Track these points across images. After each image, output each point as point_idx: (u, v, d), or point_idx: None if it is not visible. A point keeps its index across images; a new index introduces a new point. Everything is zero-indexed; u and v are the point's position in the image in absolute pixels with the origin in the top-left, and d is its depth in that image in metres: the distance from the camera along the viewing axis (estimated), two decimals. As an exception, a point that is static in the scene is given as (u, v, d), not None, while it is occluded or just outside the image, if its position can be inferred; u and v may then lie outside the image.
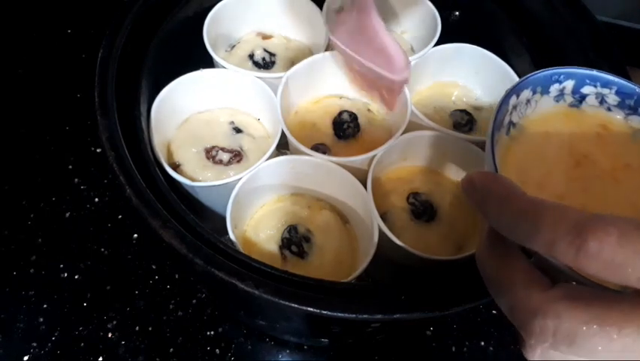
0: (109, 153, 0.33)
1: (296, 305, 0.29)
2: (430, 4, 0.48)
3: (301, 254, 0.41)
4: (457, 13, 0.52)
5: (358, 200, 0.40)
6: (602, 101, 0.29)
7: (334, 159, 0.40)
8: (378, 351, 0.48)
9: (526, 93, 0.28)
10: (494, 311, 0.51)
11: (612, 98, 0.29)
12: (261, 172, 0.40)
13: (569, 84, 0.29)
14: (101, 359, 0.46)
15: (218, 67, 0.45)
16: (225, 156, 0.43)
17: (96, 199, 0.54)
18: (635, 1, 0.65)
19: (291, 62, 0.49)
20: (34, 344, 0.46)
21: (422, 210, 0.42)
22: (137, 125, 0.38)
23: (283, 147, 0.43)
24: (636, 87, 0.28)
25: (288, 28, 0.52)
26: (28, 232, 0.52)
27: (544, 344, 0.18)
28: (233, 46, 0.51)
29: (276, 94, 0.42)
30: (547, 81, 0.29)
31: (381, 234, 0.37)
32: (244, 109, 0.47)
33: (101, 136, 0.34)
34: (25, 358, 0.45)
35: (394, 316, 0.29)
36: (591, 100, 0.29)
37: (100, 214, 0.53)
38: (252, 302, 0.39)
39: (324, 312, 0.29)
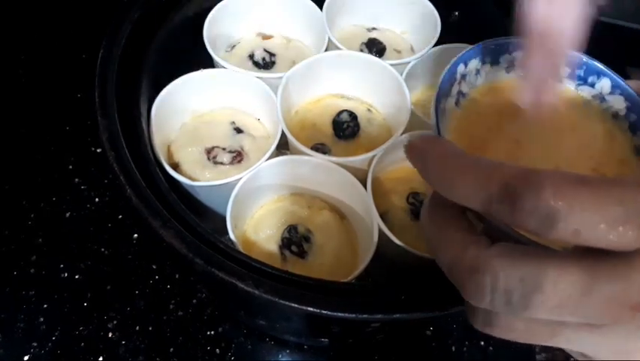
0: (109, 153, 0.33)
1: (296, 305, 0.29)
2: (430, 5, 0.49)
3: (301, 254, 0.41)
4: (457, 13, 0.52)
5: (358, 200, 0.40)
6: None
7: (334, 159, 0.40)
8: (378, 351, 0.48)
9: (474, 63, 0.28)
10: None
11: (562, 69, 0.29)
12: (261, 172, 0.40)
13: (519, 55, 0.28)
14: (101, 358, 0.46)
15: (218, 67, 0.45)
16: (226, 157, 0.43)
17: (96, 199, 0.54)
18: (635, 1, 0.65)
19: (292, 62, 0.49)
20: (35, 344, 0.46)
21: (422, 210, 0.42)
22: (138, 126, 0.38)
23: (283, 147, 0.43)
24: (584, 57, 0.28)
25: (288, 28, 0.52)
26: (28, 231, 0.52)
27: (482, 302, 0.18)
28: (234, 46, 0.51)
29: (276, 94, 0.42)
30: (496, 51, 0.28)
31: (381, 234, 0.37)
32: (244, 109, 0.47)
33: (101, 136, 0.34)
34: (26, 358, 0.45)
35: (394, 316, 0.29)
36: None
37: (100, 214, 0.53)
38: (252, 302, 0.39)
39: (324, 312, 0.29)
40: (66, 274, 0.50)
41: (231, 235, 0.37)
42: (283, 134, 0.41)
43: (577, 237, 0.16)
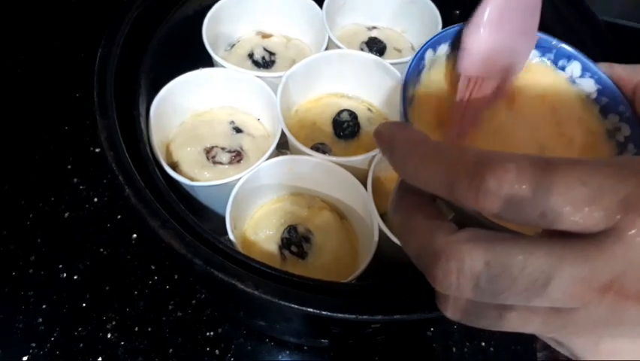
0: (108, 152, 0.33)
1: (296, 306, 0.28)
2: (431, 3, 0.48)
3: (301, 254, 0.40)
4: (458, 12, 0.52)
5: (358, 200, 0.40)
6: None
7: (334, 158, 0.40)
8: (378, 352, 0.48)
9: (443, 48, 0.28)
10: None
11: (532, 54, 0.29)
12: (260, 172, 0.40)
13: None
14: (100, 359, 0.46)
15: (217, 66, 0.45)
16: (225, 156, 0.43)
17: (95, 199, 0.54)
18: (635, 1, 0.64)
19: (291, 61, 0.49)
20: (33, 345, 0.46)
21: (422, 210, 0.41)
22: (137, 125, 0.38)
23: (283, 146, 0.43)
24: (554, 40, 0.28)
25: (288, 27, 0.52)
26: (27, 232, 0.52)
27: (449, 288, 0.18)
28: (233, 45, 0.50)
29: (275, 93, 0.42)
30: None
31: (382, 234, 0.37)
32: (244, 108, 0.47)
33: (100, 136, 0.34)
34: (25, 358, 0.45)
35: (395, 316, 0.29)
36: None
37: (99, 214, 0.53)
38: (252, 303, 0.38)
39: (324, 313, 0.28)
40: (65, 275, 0.49)
41: (231, 235, 0.37)
42: (283, 134, 0.41)
43: (543, 220, 0.16)
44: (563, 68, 0.29)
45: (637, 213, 0.15)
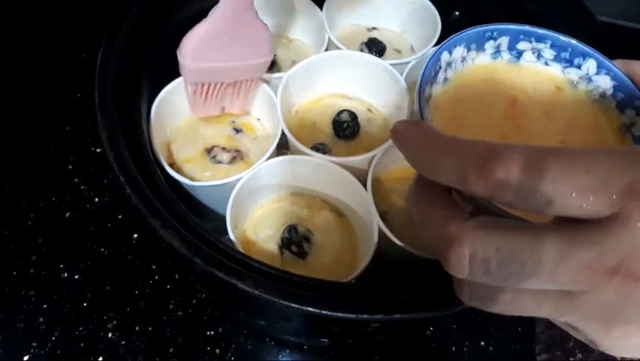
0: (109, 152, 0.33)
1: (296, 305, 0.29)
2: (430, 4, 0.49)
3: (301, 254, 0.41)
4: (457, 13, 0.52)
5: (358, 200, 0.40)
6: (538, 55, 0.30)
7: (334, 158, 0.40)
8: (378, 351, 0.48)
9: (459, 50, 0.28)
10: (494, 311, 0.51)
11: (548, 53, 0.30)
12: (261, 172, 0.40)
13: (504, 40, 0.29)
14: (101, 359, 0.46)
15: (218, 67, 0.45)
16: (225, 156, 0.43)
17: (96, 199, 0.54)
18: (635, 1, 0.65)
19: (292, 62, 0.49)
20: (34, 344, 0.46)
21: (422, 210, 0.41)
22: (137, 125, 0.38)
23: (283, 146, 0.43)
24: (571, 40, 0.29)
25: (288, 28, 0.52)
26: (28, 232, 0.52)
27: (463, 273, 0.19)
28: (233, 46, 0.51)
29: (276, 94, 0.42)
30: (480, 38, 0.29)
31: (381, 234, 0.37)
32: (244, 109, 0.47)
33: (100, 136, 0.34)
34: (25, 358, 0.45)
35: (394, 316, 0.29)
36: (528, 55, 0.30)
37: (100, 214, 0.53)
38: (252, 302, 0.39)
39: (324, 312, 0.28)
40: (66, 275, 0.50)
41: (231, 235, 0.37)
42: (283, 134, 0.41)
43: (550, 207, 0.17)
44: (579, 66, 0.29)
45: None
